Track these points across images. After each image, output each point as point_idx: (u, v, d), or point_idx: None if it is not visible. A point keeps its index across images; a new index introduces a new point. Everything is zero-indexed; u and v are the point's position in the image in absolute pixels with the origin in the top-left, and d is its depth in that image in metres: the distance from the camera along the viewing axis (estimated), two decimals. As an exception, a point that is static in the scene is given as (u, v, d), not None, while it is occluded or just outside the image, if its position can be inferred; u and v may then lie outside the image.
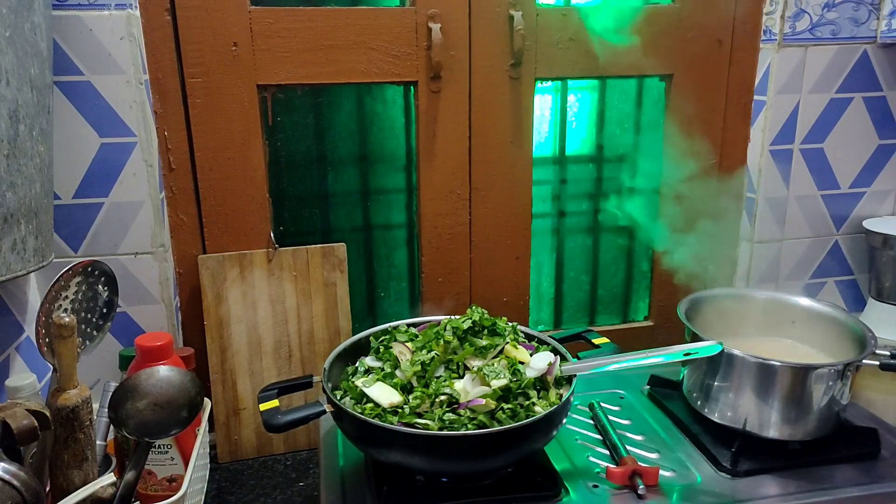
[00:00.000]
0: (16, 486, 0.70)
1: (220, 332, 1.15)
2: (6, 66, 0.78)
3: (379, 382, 0.91)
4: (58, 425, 0.82)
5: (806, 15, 1.28)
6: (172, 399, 0.85)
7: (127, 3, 1.00)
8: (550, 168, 1.37)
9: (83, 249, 1.07)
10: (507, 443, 0.83)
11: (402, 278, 1.37)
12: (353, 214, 1.31)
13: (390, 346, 0.97)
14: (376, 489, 0.89)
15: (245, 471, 1.15)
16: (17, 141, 0.80)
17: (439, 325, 0.98)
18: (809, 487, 0.91)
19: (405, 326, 1.04)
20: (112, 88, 1.02)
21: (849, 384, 0.96)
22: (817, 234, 1.42)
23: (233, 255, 1.15)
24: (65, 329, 0.81)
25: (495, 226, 1.30)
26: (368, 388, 0.90)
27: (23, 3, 0.81)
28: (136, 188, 1.07)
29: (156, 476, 0.97)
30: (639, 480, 0.90)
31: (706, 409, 1.02)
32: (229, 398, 1.16)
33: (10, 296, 0.99)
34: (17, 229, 0.81)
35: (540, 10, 1.21)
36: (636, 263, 1.47)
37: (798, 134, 1.35)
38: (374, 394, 0.89)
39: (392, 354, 0.95)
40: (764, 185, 1.37)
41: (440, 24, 1.16)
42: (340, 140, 1.27)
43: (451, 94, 1.21)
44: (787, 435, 0.96)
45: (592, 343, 1.04)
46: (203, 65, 1.10)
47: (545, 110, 1.35)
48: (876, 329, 1.02)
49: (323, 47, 1.14)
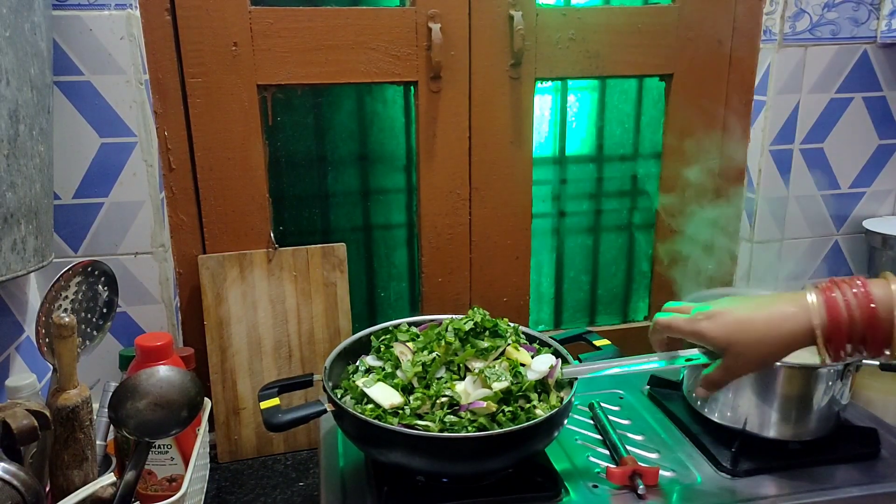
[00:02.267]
0: (16, 486, 0.70)
1: (220, 332, 1.15)
2: (6, 66, 0.78)
3: (380, 383, 0.91)
4: (58, 425, 0.82)
5: (806, 15, 1.28)
6: (172, 399, 0.85)
7: (127, 3, 1.00)
8: (550, 168, 1.37)
9: (83, 249, 1.07)
10: (508, 445, 0.83)
11: (402, 278, 1.37)
12: (353, 214, 1.31)
13: (391, 345, 0.97)
14: (376, 489, 0.89)
15: (245, 471, 1.15)
16: (17, 141, 0.80)
17: (441, 326, 0.97)
18: (809, 487, 0.91)
19: (406, 326, 1.04)
20: (112, 88, 1.02)
21: (849, 384, 0.96)
22: (817, 235, 1.42)
23: (233, 256, 1.15)
24: (65, 329, 0.81)
25: (495, 226, 1.30)
26: (369, 388, 0.90)
27: (23, 3, 0.81)
28: (136, 188, 1.07)
29: (156, 476, 0.97)
30: (639, 480, 0.90)
31: (706, 409, 1.02)
32: (229, 398, 1.16)
33: (10, 296, 0.99)
34: (17, 229, 0.81)
35: (540, 10, 1.21)
36: (636, 263, 1.47)
37: (798, 134, 1.35)
38: (375, 394, 0.88)
39: (393, 354, 0.95)
40: (764, 185, 1.37)
41: (440, 24, 1.16)
42: (340, 140, 1.27)
43: (451, 94, 1.21)
44: (787, 435, 0.96)
45: (593, 345, 1.04)
46: (203, 65, 1.10)
47: (545, 110, 1.35)
48: (876, 329, 1.02)
49: (323, 47, 1.14)
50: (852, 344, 0.75)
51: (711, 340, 0.82)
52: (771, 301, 0.80)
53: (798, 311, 0.77)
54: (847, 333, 0.74)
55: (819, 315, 0.75)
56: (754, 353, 0.79)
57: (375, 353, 0.99)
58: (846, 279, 0.77)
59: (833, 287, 0.77)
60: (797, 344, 0.77)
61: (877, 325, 0.73)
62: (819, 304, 0.76)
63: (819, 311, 0.76)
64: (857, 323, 0.74)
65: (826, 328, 0.75)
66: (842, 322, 0.74)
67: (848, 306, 0.74)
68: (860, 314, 0.74)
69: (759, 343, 0.79)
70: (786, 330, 0.77)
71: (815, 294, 0.77)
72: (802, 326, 0.76)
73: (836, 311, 0.75)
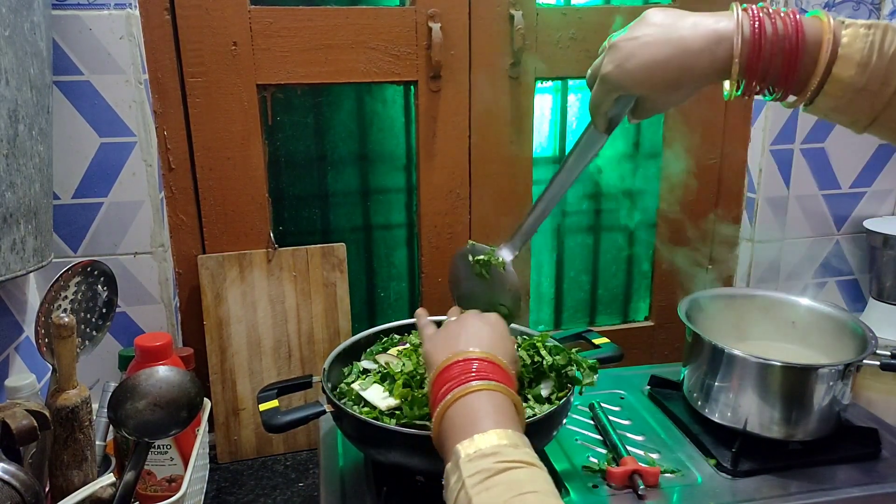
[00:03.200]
0: (15, 486, 0.70)
1: (220, 332, 1.15)
2: (6, 66, 0.78)
3: (375, 385, 0.91)
4: (57, 425, 0.82)
5: (806, 14, 1.28)
6: (172, 399, 0.85)
7: (126, 2, 1.00)
8: (550, 168, 1.37)
9: (83, 249, 1.07)
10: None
11: (402, 278, 1.37)
12: (353, 214, 1.31)
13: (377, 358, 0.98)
14: (376, 489, 0.89)
15: (245, 471, 1.15)
16: (16, 141, 0.80)
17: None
18: (810, 488, 0.91)
19: (396, 338, 1.05)
20: (112, 88, 1.02)
21: (849, 384, 0.96)
22: (818, 234, 1.42)
23: (232, 255, 1.15)
24: (64, 329, 0.81)
25: (495, 226, 1.30)
26: (365, 390, 0.90)
27: (22, 3, 0.81)
28: (135, 188, 1.07)
29: (155, 476, 0.97)
30: (639, 480, 0.90)
31: (706, 409, 1.02)
32: (229, 398, 1.16)
33: (10, 296, 0.99)
34: (17, 229, 0.81)
35: (540, 9, 1.21)
36: (636, 263, 1.47)
37: (798, 134, 1.35)
38: (371, 396, 0.88)
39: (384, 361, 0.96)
40: (764, 185, 1.37)
41: (440, 23, 1.16)
42: (340, 140, 1.26)
43: (451, 93, 1.21)
44: (787, 435, 0.96)
45: (593, 343, 1.04)
46: (203, 64, 1.10)
47: (545, 110, 1.34)
48: (876, 329, 1.02)
49: (323, 47, 1.14)
50: (769, 71, 0.67)
51: (619, 87, 0.74)
52: (683, 29, 0.70)
53: (717, 39, 0.67)
54: (767, 57, 0.67)
55: (742, 34, 0.67)
56: (665, 100, 0.74)
57: (370, 357, 1.00)
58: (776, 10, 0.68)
59: (761, 11, 0.68)
60: (714, 76, 0.69)
61: (796, 53, 0.66)
62: (745, 22, 0.67)
63: (744, 29, 0.67)
64: (778, 49, 0.66)
65: (748, 50, 0.67)
66: (765, 44, 0.66)
67: (775, 27, 0.66)
68: (785, 41, 0.66)
69: (673, 88, 0.71)
70: (701, 66, 0.69)
71: (742, 14, 0.68)
72: (722, 56, 0.67)
73: (762, 31, 0.66)
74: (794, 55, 0.67)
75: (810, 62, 0.67)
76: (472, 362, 0.70)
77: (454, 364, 0.70)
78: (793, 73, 0.68)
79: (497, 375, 0.69)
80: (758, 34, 0.67)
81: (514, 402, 0.68)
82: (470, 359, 0.70)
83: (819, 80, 0.66)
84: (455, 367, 0.70)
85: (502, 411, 0.65)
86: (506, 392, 0.67)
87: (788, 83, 0.69)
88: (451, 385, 0.68)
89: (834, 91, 0.66)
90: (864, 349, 0.97)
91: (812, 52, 0.66)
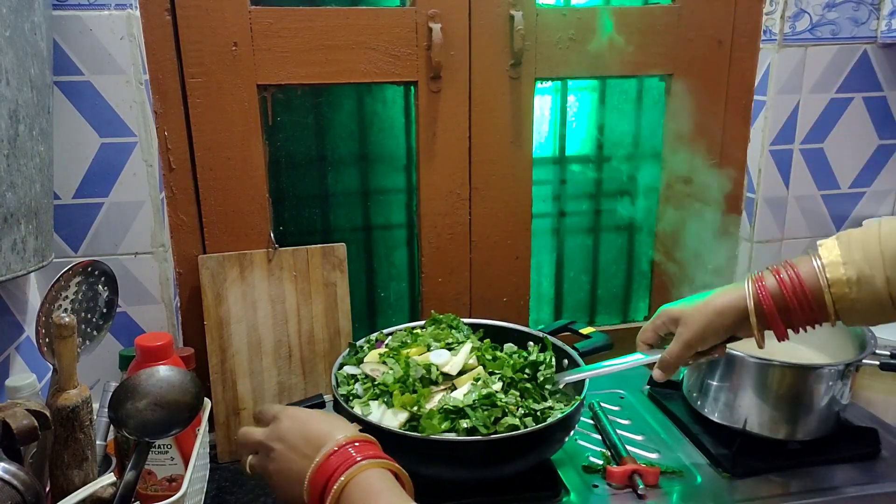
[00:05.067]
0: (16, 486, 0.70)
1: (220, 332, 1.15)
2: (6, 66, 0.78)
3: (374, 403, 0.92)
4: (58, 425, 0.82)
5: (806, 15, 1.28)
6: (172, 399, 0.85)
7: (127, 3, 1.00)
8: (550, 168, 1.37)
9: (83, 249, 1.07)
10: (521, 448, 0.83)
11: (402, 278, 1.37)
12: (353, 214, 1.31)
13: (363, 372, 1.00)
14: (376, 489, 0.89)
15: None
16: (17, 141, 0.80)
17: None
18: (809, 487, 0.91)
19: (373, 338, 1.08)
20: (112, 88, 1.02)
21: (849, 384, 0.96)
22: (817, 234, 1.42)
23: (233, 255, 1.15)
24: (65, 329, 0.81)
25: (495, 226, 1.30)
26: (369, 415, 0.90)
27: (23, 3, 0.81)
28: (136, 188, 1.07)
29: (156, 476, 0.97)
30: (639, 480, 0.90)
31: (706, 409, 1.02)
32: (229, 398, 1.16)
33: (10, 296, 0.99)
34: (17, 229, 0.81)
35: (540, 10, 1.21)
36: (636, 263, 1.47)
37: (798, 134, 1.35)
38: (381, 420, 0.89)
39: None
40: (764, 185, 1.37)
41: (440, 24, 1.16)
42: (340, 140, 1.27)
43: (451, 94, 1.21)
44: (787, 435, 0.96)
45: (580, 334, 1.05)
46: (203, 65, 1.10)
47: (545, 110, 1.35)
48: (876, 329, 1.02)
49: (323, 47, 1.14)
50: (789, 320, 0.81)
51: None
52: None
53: (736, 297, 0.84)
54: (778, 311, 0.81)
55: (753, 298, 0.82)
56: (703, 321, 0.86)
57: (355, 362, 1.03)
58: (780, 265, 0.83)
59: (763, 277, 0.83)
60: (738, 318, 0.84)
61: (806, 300, 0.79)
62: (752, 290, 0.83)
63: (752, 295, 0.82)
64: (789, 301, 0.80)
65: (757, 309, 0.82)
66: (772, 303, 0.81)
67: (781, 288, 0.80)
68: (792, 293, 0.80)
69: (709, 314, 0.86)
70: (728, 309, 0.84)
71: (749, 282, 0.84)
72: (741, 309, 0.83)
73: (765, 296, 0.81)
74: (803, 304, 0.80)
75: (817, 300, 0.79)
76: (347, 446, 0.69)
77: (332, 453, 0.69)
78: (809, 313, 0.80)
79: (374, 451, 0.69)
80: (763, 302, 0.82)
81: (398, 473, 0.68)
82: (342, 444, 0.69)
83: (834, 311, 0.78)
84: (334, 456, 0.68)
85: (396, 491, 0.66)
86: (392, 466, 0.68)
87: (810, 320, 0.81)
88: (341, 469, 0.67)
89: (846, 307, 0.77)
90: (863, 349, 0.97)
91: (816, 291, 0.78)
